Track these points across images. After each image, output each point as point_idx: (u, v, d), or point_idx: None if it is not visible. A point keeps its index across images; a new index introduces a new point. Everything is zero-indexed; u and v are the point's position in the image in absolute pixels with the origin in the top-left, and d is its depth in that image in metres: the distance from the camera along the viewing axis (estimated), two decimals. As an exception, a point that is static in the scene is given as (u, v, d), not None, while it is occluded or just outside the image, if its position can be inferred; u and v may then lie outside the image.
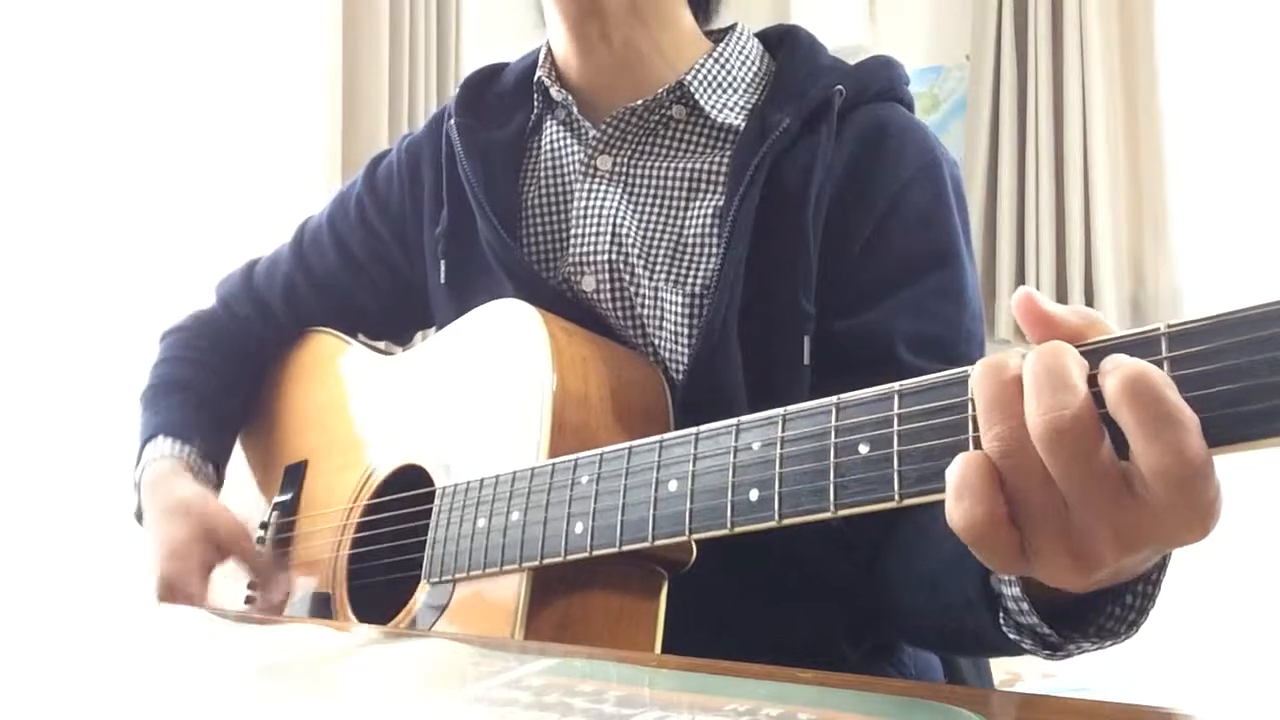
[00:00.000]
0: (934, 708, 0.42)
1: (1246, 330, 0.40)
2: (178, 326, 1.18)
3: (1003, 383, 0.44)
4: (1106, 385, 0.41)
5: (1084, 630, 0.54)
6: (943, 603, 0.67)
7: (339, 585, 0.91)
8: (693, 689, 0.47)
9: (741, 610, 0.81)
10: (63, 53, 2.21)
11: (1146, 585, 0.53)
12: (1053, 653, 0.58)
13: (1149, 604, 0.53)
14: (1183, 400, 0.40)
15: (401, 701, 0.46)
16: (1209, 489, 0.41)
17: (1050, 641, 0.56)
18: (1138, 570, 0.49)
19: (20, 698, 0.48)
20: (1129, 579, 0.50)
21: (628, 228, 0.88)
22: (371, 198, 1.06)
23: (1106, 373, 0.42)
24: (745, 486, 0.57)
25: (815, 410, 0.54)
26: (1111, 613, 0.53)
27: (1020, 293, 0.46)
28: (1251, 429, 0.40)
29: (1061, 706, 0.43)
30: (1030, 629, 0.56)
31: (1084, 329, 0.45)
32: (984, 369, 0.45)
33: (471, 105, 0.99)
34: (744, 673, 0.49)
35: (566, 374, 0.76)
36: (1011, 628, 0.58)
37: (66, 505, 2.08)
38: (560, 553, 0.68)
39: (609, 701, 0.43)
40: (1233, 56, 2.80)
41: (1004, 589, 0.57)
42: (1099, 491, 0.42)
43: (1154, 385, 0.40)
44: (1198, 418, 0.40)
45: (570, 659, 0.54)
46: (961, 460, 0.44)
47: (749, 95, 0.90)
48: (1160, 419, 0.40)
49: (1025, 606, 0.55)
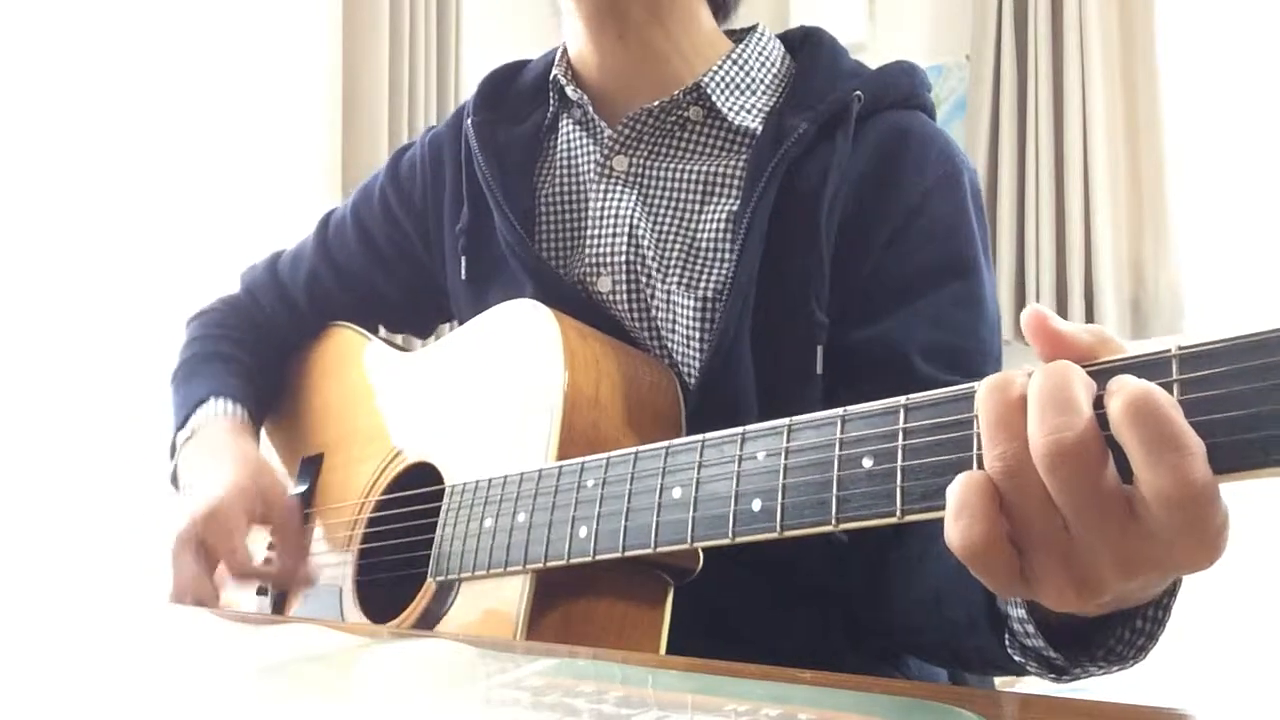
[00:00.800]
0: (934, 708, 0.42)
1: (1261, 355, 0.39)
2: (208, 309, 1.17)
3: (1007, 402, 0.43)
4: (1111, 406, 0.41)
5: (1091, 654, 0.54)
6: (948, 621, 0.66)
7: (348, 579, 0.91)
8: (693, 689, 0.47)
9: (742, 616, 0.81)
10: (62, 53, 2.21)
11: (1157, 610, 0.52)
12: (1058, 676, 0.57)
13: (1158, 629, 0.53)
14: (1188, 424, 0.40)
15: (402, 701, 0.46)
16: (1214, 516, 0.40)
17: (1056, 665, 0.55)
18: (1143, 597, 0.49)
19: (22, 697, 0.48)
20: (1140, 600, 0.49)
21: (643, 229, 0.87)
22: (394, 190, 1.06)
23: (1112, 394, 0.41)
24: (748, 496, 0.57)
25: (821, 422, 0.54)
26: (1121, 636, 0.53)
27: (1030, 310, 0.45)
28: (1260, 457, 0.39)
29: (1061, 706, 0.43)
30: (1036, 652, 0.55)
31: (1095, 348, 0.44)
32: (989, 387, 0.44)
33: (490, 102, 0.99)
34: (744, 673, 0.49)
35: (579, 375, 0.76)
36: (1017, 650, 0.58)
37: (69, 506, 2.08)
38: (564, 556, 0.68)
39: (609, 701, 0.43)
40: (1233, 56, 2.80)
41: (1010, 610, 0.56)
42: (1101, 515, 0.41)
43: (1158, 407, 0.40)
44: (1204, 443, 0.40)
45: (571, 659, 0.54)
46: (962, 480, 0.44)
47: (768, 98, 0.90)
48: (1163, 441, 0.39)
49: (1031, 629, 0.54)
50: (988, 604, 0.60)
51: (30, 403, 2.12)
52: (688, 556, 0.72)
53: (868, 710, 0.41)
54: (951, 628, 0.66)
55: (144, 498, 1.89)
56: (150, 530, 1.02)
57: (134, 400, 2.13)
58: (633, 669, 0.52)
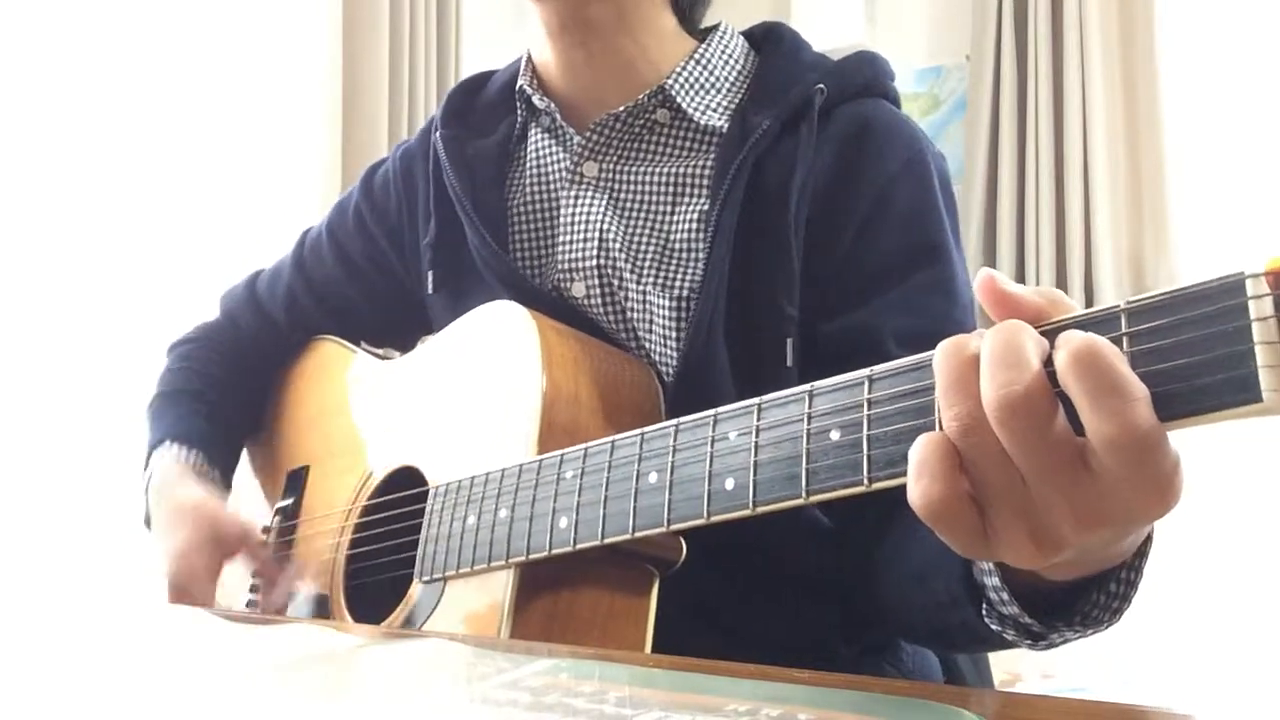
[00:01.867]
0: (933, 708, 0.42)
1: (1201, 305, 0.41)
2: (185, 339, 1.18)
3: (962, 363, 0.44)
4: (1057, 360, 0.42)
5: (1068, 619, 0.55)
6: (931, 599, 0.67)
7: (336, 587, 0.91)
8: (693, 689, 0.47)
9: (734, 609, 0.81)
10: (62, 53, 2.21)
11: (1130, 572, 0.53)
12: (1034, 642, 0.58)
13: (1132, 591, 0.54)
14: (1131, 372, 0.41)
15: (401, 702, 0.46)
16: (1164, 462, 0.41)
17: (1033, 631, 0.56)
18: (1109, 556, 0.50)
19: (24, 697, 0.48)
20: (1102, 566, 0.51)
21: (614, 234, 0.87)
22: (369, 206, 1.06)
23: (1058, 348, 0.42)
24: (721, 476, 0.58)
25: (789, 398, 0.55)
26: (1096, 600, 0.54)
27: (983, 273, 0.46)
28: (1204, 402, 0.40)
29: (1060, 707, 0.43)
30: (1013, 619, 0.56)
31: (1046, 309, 0.46)
32: (944, 350, 0.45)
33: (458, 115, 0.99)
34: (743, 673, 0.49)
35: (557, 373, 0.76)
36: (995, 619, 0.58)
37: (70, 508, 2.08)
38: (545, 548, 0.68)
39: (609, 702, 0.43)
40: (1233, 56, 2.80)
41: (985, 579, 0.57)
42: (1054, 467, 0.42)
43: (1101, 356, 0.41)
44: (1148, 390, 0.41)
45: (570, 659, 0.54)
46: (921, 441, 0.45)
47: (732, 95, 0.90)
48: (1106, 389, 0.41)
49: (1006, 596, 0.55)
50: (965, 575, 0.61)
51: (30, 403, 2.12)
52: (671, 546, 0.72)
53: (867, 710, 0.41)
54: (935, 605, 0.66)
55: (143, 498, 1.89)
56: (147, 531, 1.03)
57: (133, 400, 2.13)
58: (632, 669, 0.52)
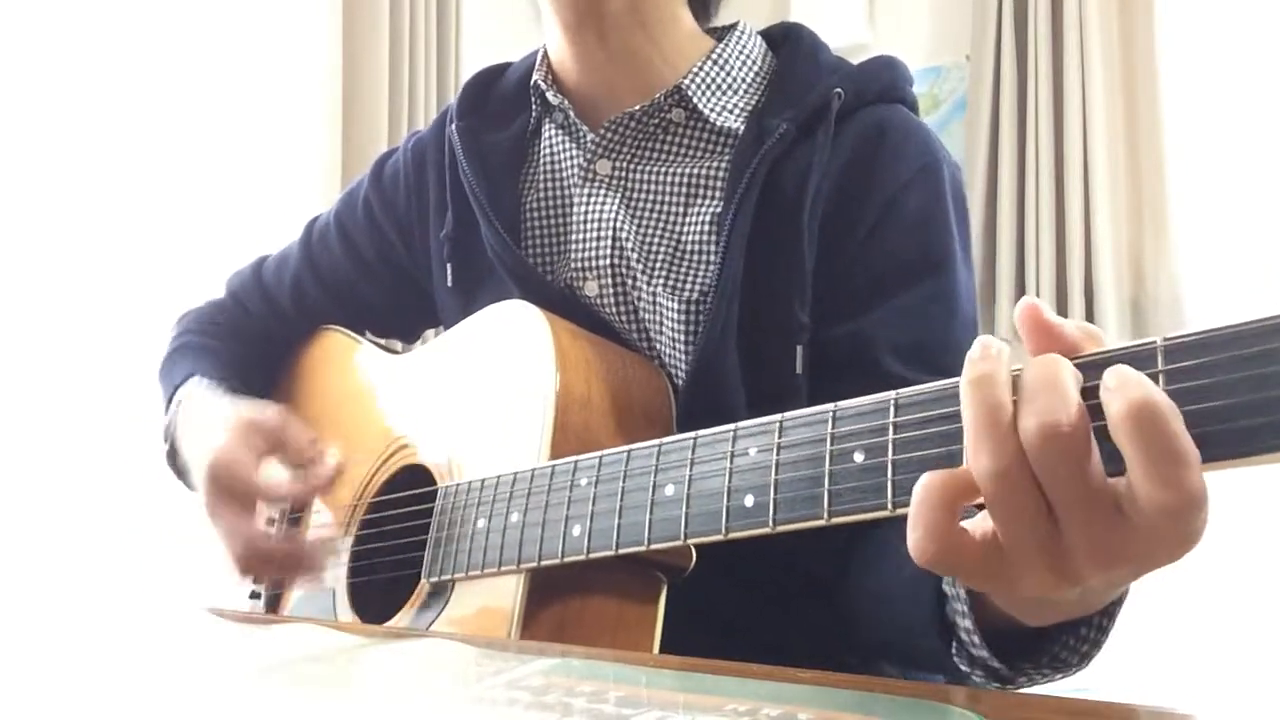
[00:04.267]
0: (934, 708, 0.42)
1: (1243, 345, 0.40)
2: (195, 310, 1.17)
3: (993, 396, 0.43)
4: (1110, 405, 0.40)
5: (1036, 661, 0.54)
6: (902, 624, 0.66)
7: (339, 582, 0.91)
8: (693, 689, 0.47)
9: (739, 613, 0.81)
10: (62, 53, 2.21)
11: (1103, 619, 0.53)
12: (1002, 686, 0.58)
13: (1103, 636, 0.53)
14: (1187, 433, 0.40)
15: (402, 701, 0.46)
16: (1200, 518, 0.40)
17: (1001, 675, 0.56)
18: (1106, 594, 0.49)
19: (23, 697, 0.48)
20: (1089, 610, 0.50)
21: (627, 233, 0.87)
22: (378, 197, 1.05)
23: (1110, 389, 0.40)
24: (741, 492, 0.57)
25: (812, 418, 0.54)
26: (1066, 643, 0.53)
27: (1025, 302, 0.45)
28: (1246, 446, 0.40)
29: (1060, 706, 0.43)
30: (982, 662, 0.56)
31: (1084, 343, 0.45)
32: (972, 384, 0.44)
33: (474, 107, 0.99)
34: (744, 673, 0.49)
35: (570, 375, 0.76)
36: (964, 660, 0.58)
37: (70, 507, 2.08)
38: (558, 555, 0.68)
39: (609, 701, 0.43)
40: (1233, 56, 2.79)
41: (958, 620, 0.56)
42: (1087, 504, 0.41)
43: (1161, 418, 0.39)
44: (1197, 450, 0.40)
45: (570, 659, 0.54)
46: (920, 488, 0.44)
47: (749, 96, 0.89)
48: (1164, 455, 0.39)
49: (977, 640, 0.55)
50: (935, 611, 0.60)
51: (30, 402, 2.12)
52: (681, 554, 0.72)
53: (868, 710, 0.41)
54: (909, 631, 0.66)
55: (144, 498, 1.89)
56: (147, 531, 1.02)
57: (133, 400, 2.13)
58: (633, 669, 0.52)
